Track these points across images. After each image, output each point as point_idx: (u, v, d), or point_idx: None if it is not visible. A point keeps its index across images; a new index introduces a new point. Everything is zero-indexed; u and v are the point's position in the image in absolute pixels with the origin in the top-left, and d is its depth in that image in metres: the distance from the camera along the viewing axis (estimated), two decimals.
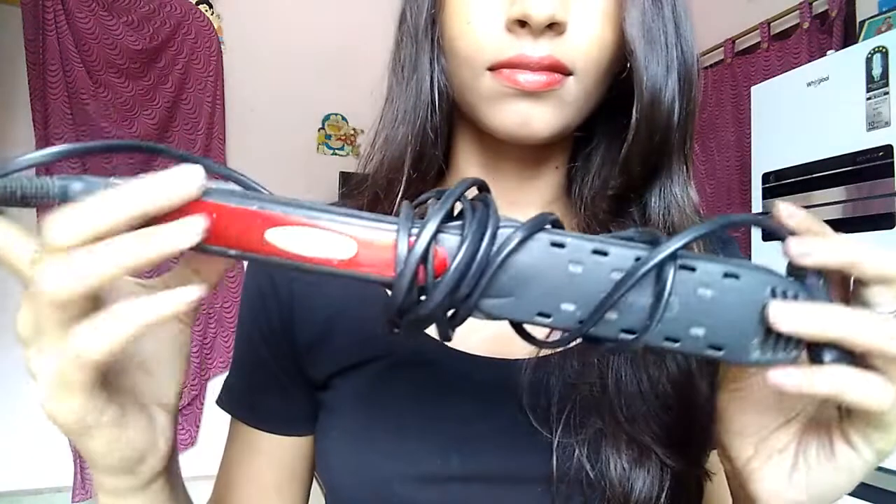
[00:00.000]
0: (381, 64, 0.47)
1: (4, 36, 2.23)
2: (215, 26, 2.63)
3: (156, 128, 2.47)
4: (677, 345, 0.25)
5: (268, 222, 0.24)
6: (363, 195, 0.47)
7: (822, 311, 0.25)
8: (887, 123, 1.55)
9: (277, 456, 0.48)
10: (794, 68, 1.94)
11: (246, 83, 2.70)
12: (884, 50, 1.57)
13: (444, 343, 0.43)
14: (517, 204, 0.47)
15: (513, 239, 0.24)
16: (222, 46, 2.65)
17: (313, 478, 0.51)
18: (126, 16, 2.40)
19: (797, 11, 2.26)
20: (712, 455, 0.43)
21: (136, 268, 0.22)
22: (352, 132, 2.95)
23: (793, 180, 1.82)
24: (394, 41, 0.47)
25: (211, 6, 2.64)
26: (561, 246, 0.25)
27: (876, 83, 1.59)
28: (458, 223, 0.25)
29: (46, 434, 2.20)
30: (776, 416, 0.30)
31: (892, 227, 1.53)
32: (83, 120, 2.33)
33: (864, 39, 1.93)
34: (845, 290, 0.28)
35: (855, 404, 0.25)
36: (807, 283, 0.26)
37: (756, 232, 1.87)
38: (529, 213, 0.26)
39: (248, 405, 0.49)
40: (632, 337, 0.25)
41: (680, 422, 0.40)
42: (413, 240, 0.24)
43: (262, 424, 0.48)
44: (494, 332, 0.42)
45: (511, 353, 0.42)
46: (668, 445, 0.39)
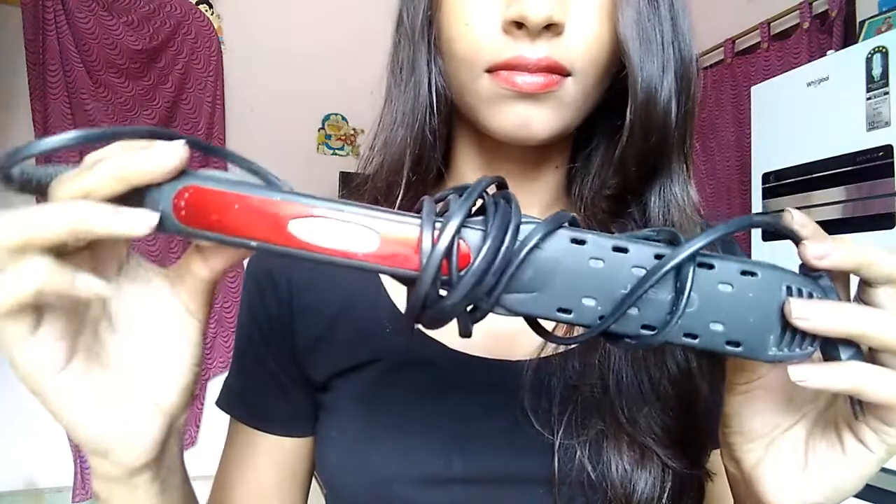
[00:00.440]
0: (380, 64, 0.47)
1: (4, 36, 2.23)
2: (215, 26, 2.63)
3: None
4: (696, 341, 0.26)
5: (291, 214, 0.24)
6: (363, 197, 0.47)
7: (843, 309, 0.25)
8: (887, 123, 1.55)
9: (277, 457, 0.48)
10: (794, 68, 1.94)
11: (246, 83, 2.70)
12: (884, 50, 1.57)
13: (444, 344, 0.43)
14: None
15: (536, 234, 0.24)
16: (222, 46, 2.65)
17: (313, 478, 0.51)
18: (126, 16, 2.40)
19: (797, 11, 2.26)
20: (713, 455, 0.43)
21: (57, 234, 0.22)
22: (352, 132, 2.95)
23: (793, 180, 1.82)
24: (391, 43, 0.46)
25: (211, 6, 2.64)
26: (582, 242, 0.25)
27: (876, 83, 1.58)
28: (479, 219, 0.25)
29: (46, 434, 2.20)
30: (786, 416, 0.31)
31: (891, 227, 1.53)
32: (83, 120, 2.33)
33: (864, 39, 1.93)
34: (846, 291, 0.29)
35: (873, 400, 0.26)
36: (820, 282, 0.26)
37: (756, 232, 1.87)
38: (530, 214, 0.26)
39: (247, 406, 0.48)
40: (652, 333, 0.25)
41: (681, 423, 0.40)
42: (437, 234, 0.24)
43: (261, 425, 0.48)
44: (495, 333, 0.42)
45: (512, 355, 0.42)
46: (670, 446, 0.39)
